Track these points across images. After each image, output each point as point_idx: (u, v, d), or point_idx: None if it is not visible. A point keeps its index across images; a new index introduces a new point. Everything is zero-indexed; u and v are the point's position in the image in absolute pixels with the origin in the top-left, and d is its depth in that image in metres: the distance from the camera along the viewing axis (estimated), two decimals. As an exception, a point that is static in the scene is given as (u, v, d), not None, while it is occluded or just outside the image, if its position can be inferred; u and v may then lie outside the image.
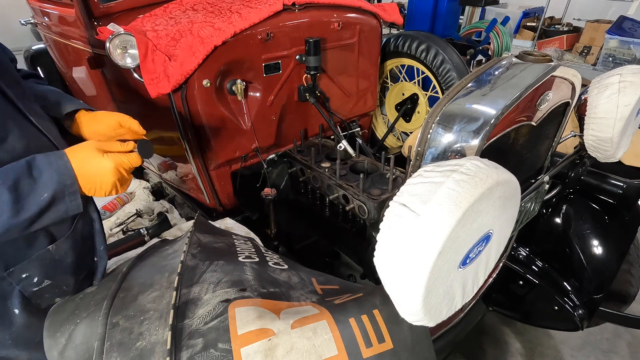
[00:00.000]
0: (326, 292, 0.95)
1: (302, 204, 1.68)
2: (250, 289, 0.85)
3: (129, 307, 0.83)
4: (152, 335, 0.75)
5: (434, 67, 2.01)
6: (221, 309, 0.78)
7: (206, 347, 0.72)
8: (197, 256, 0.95)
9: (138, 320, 0.80)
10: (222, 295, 0.81)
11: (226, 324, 0.75)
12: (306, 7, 1.63)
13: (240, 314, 0.76)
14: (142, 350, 0.74)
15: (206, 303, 0.80)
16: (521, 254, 1.75)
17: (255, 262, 0.99)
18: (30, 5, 2.15)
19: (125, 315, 0.82)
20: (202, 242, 1.03)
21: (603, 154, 1.32)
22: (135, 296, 0.86)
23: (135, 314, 0.81)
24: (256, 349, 0.71)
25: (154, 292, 0.85)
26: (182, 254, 0.92)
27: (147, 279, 0.91)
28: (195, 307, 0.79)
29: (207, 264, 0.92)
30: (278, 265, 1.01)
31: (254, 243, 1.13)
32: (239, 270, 0.91)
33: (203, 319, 0.76)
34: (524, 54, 1.07)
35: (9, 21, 3.58)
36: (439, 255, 0.65)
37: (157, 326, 0.77)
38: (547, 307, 1.62)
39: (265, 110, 1.64)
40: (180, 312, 0.78)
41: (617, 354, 1.93)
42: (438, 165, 0.74)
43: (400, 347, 0.78)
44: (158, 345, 0.73)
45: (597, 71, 4.31)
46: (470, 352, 1.92)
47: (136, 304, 0.84)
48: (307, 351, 0.73)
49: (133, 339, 0.76)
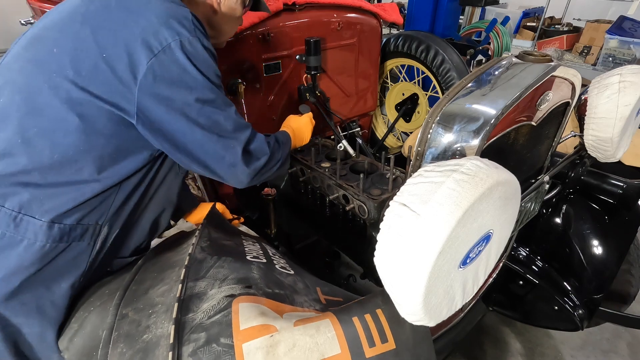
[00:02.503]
0: (330, 302, 0.94)
1: (302, 204, 1.67)
2: (255, 287, 0.85)
3: (139, 299, 0.84)
4: (158, 329, 0.76)
5: (434, 67, 2.01)
6: (225, 303, 0.77)
7: (209, 342, 0.71)
8: (206, 250, 0.94)
9: (146, 313, 0.80)
10: (227, 291, 0.81)
11: (229, 318, 0.74)
12: (306, 7, 1.63)
13: (244, 309, 0.76)
14: (147, 343, 0.74)
15: (211, 298, 0.79)
16: (521, 254, 1.75)
17: (263, 262, 0.98)
18: (30, 5, 2.15)
19: (135, 307, 0.83)
20: (212, 236, 1.03)
21: (603, 154, 1.32)
22: (147, 290, 0.87)
23: (145, 307, 0.82)
24: (257, 345, 0.70)
25: (164, 286, 0.86)
26: (191, 247, 0.93)
27: (159, 273, 0.92)
28: (200, 301, 0.79)
29: (215, 259, 0.91)
30: (284, 269, 1.01)
31: (261, 244, 1.13)
32: (246, 268, 0.91)
33: (207, 313, 0.76)
34: (524, 54, 1.07)
35: (9, 21, 3.59)
36: (439, 255, 0.65)
37: (163, 320, 0.77)
38: (547, 307, 1.61)
39: (265, 110, 1.64)
40: (185, 305, 0.78)
41: (617, 354, 1.93)
42: (438, 165, 0.74)
43: (402, 348, 0.78)
44: (163, 338, 0.73)
45: (597, 71, 4.32)
46: (470, 352, 1.92)
47: (146, 297, 0.84)
48: (309, 349, 0.72)
49: (140, 331, 0.77)
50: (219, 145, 0.91)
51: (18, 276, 0.82)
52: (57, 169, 0.82)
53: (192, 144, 0.89)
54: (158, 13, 0.82)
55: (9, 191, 0.80)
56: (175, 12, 0.84)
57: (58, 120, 0.80)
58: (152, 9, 0.83)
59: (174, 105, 0.83)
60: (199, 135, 0.88)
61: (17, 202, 0.80)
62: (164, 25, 0.81)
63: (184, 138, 0.87)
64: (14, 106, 0.81)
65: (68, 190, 0.83)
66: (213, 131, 0.89)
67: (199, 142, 0.89)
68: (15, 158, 0.80)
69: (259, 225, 1.71)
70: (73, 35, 0.81)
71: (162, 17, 0.82)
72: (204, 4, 1.03)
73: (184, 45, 0.82)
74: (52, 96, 0.79)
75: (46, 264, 0.85)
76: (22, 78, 0.82)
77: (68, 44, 0.81)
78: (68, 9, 0.86)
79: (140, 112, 0.82)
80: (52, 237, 0.83)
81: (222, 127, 0.91)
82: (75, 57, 0.80)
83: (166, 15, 0.82)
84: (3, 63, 0.88)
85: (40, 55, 0.82)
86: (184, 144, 0.88)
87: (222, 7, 1.06)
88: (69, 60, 0.80)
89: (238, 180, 0.99)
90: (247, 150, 0.97)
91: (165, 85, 0.81)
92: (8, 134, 0.80)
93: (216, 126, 0.89)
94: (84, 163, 0.83)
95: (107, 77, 0.79)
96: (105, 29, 0.81)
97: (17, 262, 0.81)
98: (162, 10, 0.83)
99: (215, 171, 0.95)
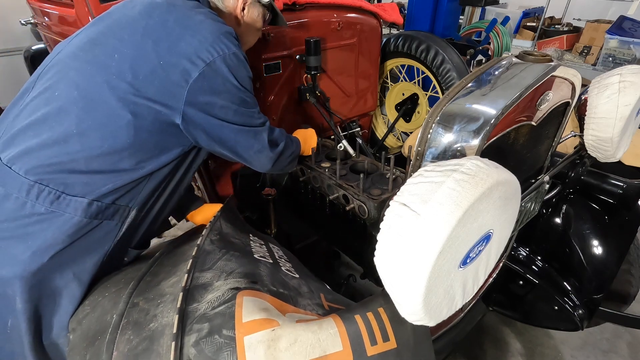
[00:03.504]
0: (332, 309, 0.94)
1: (302, 204, 1.68)
2: (261, 283, 0.85)
3: (151, 290, 0.88)
4: (163, 318, 0.77)
5: (434, 67, 2.01)
6: (230, 295, 0.78)
7: (211, 333, 0.71)
8: (215, 243, 0.97)
9: (155, 302, 0.82)
10: (233, 284, 0.81)
11: (232, 310, 0.74)
12: (306, 7, 1.63)
13: (247, 302, 0.76)
14: (153, 332, 0.75)
15: (216, 289, 0.80)
16: (521, 254, 1.75)
17: (269, 262, 0.99)
18: (30, 5, 2.15)
19: (145, 297, 0.85)
20: (222, 231, 1.07)
21: (603, 154, 1.32)
22: (159, 282, 0.90)
23: (155, 297, 0.84)
24: (259, 338, 0.70)
25: (174, 278, 0.88)
26: (201, 238, 0.97)
27: (172, 267, 0.95)
28: (205, 292, 0.80)
29: (224, 252, 0.93)
30: (290, 272, 1.01)
31: (269, 247, 1.14)
32: (253, 265, 0.92)
33: (211, 304, 0.77)
34: (524, 54, 1.07)
35: (9, 21, 3.59)
36: (440, 255, 0.65)
37: (169, 309, 0.78)
38: (547, 307, 1.62)
39: (265, 110, 1.64)
40: (190, 295, 0.79)
41: (617, 354, 1.93)
42: (438, 165, 0.74)
43: (403, 347, 0.78)
44: (167, 327, 0.74)
45: (597, 71, 4.31)
46: (470, 352, 1.92)
47: (158, 288, 0.87)
48: (311, 345, 0.72)
49: (148, 320, 0.78)
50: (250, 135, 1.09)
51: (51, 249, 0.90)
52: (103, 158, 0.93)
53: (227, 136, 1.05)
54: (211, 30, 0.98)
55: (55, 176, 0.90)
56: (223, 30, 1.01)
57: (112, 116, 0.92)
58: (206, 27, 0.99)
59: (215, 106, 0.99)
60: (234, 129, 1.05)
61: (61, 183, 0.90)
62: (215, 40, 0.97)
63: (220, 132, 1.04)
64: (71, 100, 0.91)
65: (108, 177, 0.94)
66: (245, 125, 1.07)
67: (233, 134, 1.06)
68: (69, 146, 0.90)
69: (259, 225, 1.71)
70: (134, 45, 0.95)
71: (215, 34, 0.98)
72: (229, 16, 1.19)
73: (229, 58, 0.99)
74: (110, 95, 0.91)
75: (77, 239, 0.94)
76: (81, 77, 0.93)
77: (129, 52, 0.94)
78: (127, 20, 0.99)
79: (186, 110, 0.96)
80: (90, 213, 0.93)
81: (252, 122, 1.09)
82: (135, 64, 0.93)
83: (217, 32, 0.99)
84: (57, 59, 0.99)
85: (101, 59, 0.94)
86: (219, 136, 1.04)
87: (245, 19, 1.21)
88: (128, 66, 0.93)
89: (261, 163, 1.17)
90: (270, 139, 1.15)
91: (210, 91, 0.97)
92: (65, 125, 0.90)
93: (248, 121, 1.08)
94: (125, 154, 0.95)
95: (162, 81, 0.93)
96: (164, 41, 0.95)
97: (53, 235, 0.90)
98: (214, 28, 0.99)
99: (244, 156, 1.12)
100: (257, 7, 1.23)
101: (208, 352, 0.69)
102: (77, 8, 1.56)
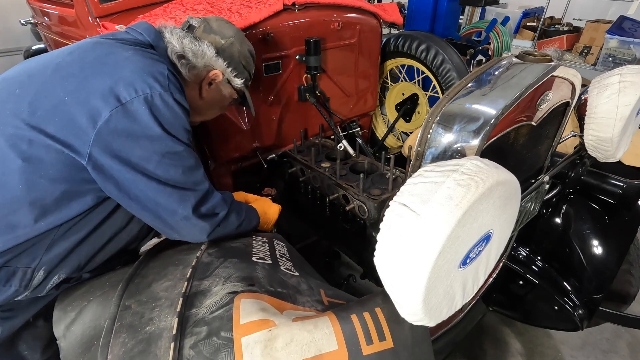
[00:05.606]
0: (332, 304, 0.94)
1: (302, 204, 1.67)
2: (258, 285, 0.86)
3: (142, 292, 0.87)
4: (161, 322, 0.78)
5: (434, 67, 2.01)
6: (227, 299, 0.79)
7: (209, 335, 0.73)
8: (213, 254, 0.97)
9: (150, 306, 0.82)
10: (231, 288, 0.83)
11: (230, 313, 0.75)
12: (306, 7, 1.63)
13: (245, 305, 0.77)
14: (150, 335, 0.76)
15: (214, 294, 0.81)
16: (521, 254, 1.75)
17: (268, 263, 1.00)
18: (30, 5, 2.15)
19: (138, 299, 0.85)
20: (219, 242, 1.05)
21: (603, 154, 1.32)
22: (150, 284, 0.89)
23: (148, 300, 0.84)
24: (256, 338, 0.71)
25: (167, 282, 0.88)
26: (199, 251, 0.97)
27: (161, 269, 0.95)
28: (204, 298, 0.81)
29: (222, 260, 0.94)
30: (289, 271, 1.02)
31: (271, 245, 1.14)
32: (250, 268, 0.93)
33: (209, 309, 0.78)
34: (524, 54, 1.07)
35: (9, 21, 3.59)
36: (439, 255, 0.65)
37: (167, 313, 0.79)
38: (547, 307, 1.61)
39: (265, 110, 1.64)
40: (190, 301, 0.80)
41: (617, 354, 1.93)
42: (438, 165, 0.74)
43: (400, 347, 0.78)
44: (165, 330, 0.75)
45: (597, 71, 4.31)
46: (470, 352, 1.92)
47: (149, 291, 0.87)
48: (306, 344, 0.73)
49: (143, 323, 0.79)
50: (173, 198, 0.90)
51: None
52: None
53: (144, 194, 0.88)
54: (133, 68, 0.86)
55: None
56: (151, 68, 0.88)
57: None
58: (129, 64, 0.86)
59: (132, 155, 0.84)
60: (154, 187, 0.87)
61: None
62: (137, 79, 0.84)
63: (136, 188, 0.86)
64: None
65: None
66: (168, 183, 0.89)
67: (152, 193, 0.88)
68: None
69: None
70: (40, 80, 0.85)
71: (137, 72, 0.85)
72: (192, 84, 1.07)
73: (153, 99, 0.84)
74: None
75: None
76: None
77: (33, 87, 0.84)
78: (45, 59, 0.90)
79: (93, 155, 0.82)
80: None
81: (179, 180, 0.90)
82: (35, 99, 0.82)
83: (141, 70, 0.86)
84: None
85: (2, 96, 0.85)
86: (135, 193, 0.87)
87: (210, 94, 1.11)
88: (28, 102, 0.82)
89: (192, 234, 0.97)
90: (203, 205, 0.96)
91: (124, 136, 0.83)
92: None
93: (174, 179, 0.89)
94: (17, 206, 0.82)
95: (65, 118, 0.81)
96: (74, 76, 0.84)
97: None
98: (138, 66, 0.87)
99: (170, 223, 0.93)
100: (227, 87, 1.14)
101: (206, 353, 0.71)
102: (77, 8, 1.56)
